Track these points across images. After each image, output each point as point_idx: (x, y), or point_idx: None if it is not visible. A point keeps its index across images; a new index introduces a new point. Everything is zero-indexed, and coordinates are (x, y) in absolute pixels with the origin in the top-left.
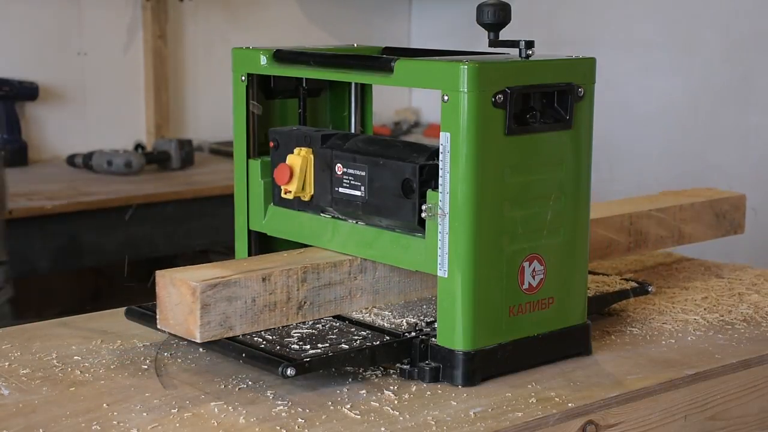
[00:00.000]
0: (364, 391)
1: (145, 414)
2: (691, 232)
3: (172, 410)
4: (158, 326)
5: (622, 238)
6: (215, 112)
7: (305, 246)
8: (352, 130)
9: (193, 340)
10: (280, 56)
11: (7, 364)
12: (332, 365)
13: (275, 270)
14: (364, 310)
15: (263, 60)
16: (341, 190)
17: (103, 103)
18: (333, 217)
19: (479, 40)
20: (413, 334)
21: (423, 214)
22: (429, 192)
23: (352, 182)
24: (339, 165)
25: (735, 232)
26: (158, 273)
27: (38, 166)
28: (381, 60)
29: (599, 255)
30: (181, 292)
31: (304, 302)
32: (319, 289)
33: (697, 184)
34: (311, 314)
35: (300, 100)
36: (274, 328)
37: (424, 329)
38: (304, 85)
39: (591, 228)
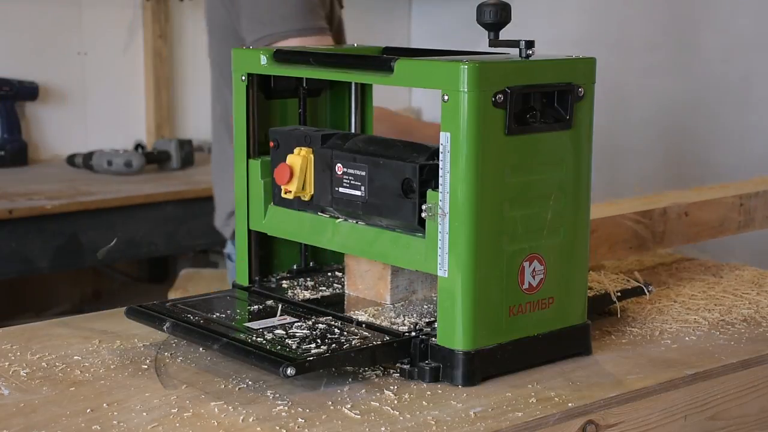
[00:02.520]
0: (364, 391)
1: (145, 414)
2: None
3: (172, 410)
4: (346, 290)
5: (734, 216)
6: None
7: (305, 246)
8: (352, 130)
9: (383, 302)
10: (280, 56)
11: (7, 364)
12: (332, 365)
13: None
14: (364, 310)
15: (263, 60)
16: (341, 189)
17: (103, 103)
18: (333, 216)
19: (479, 40)
20: (413, 334)
21: (423, 214)
22: (429, 192)
23: (352, 182)
24: (339, 165)
25: None
26: None
27: (38, 166)
28: (381, 60)
29: (712, 234)
30: (372, 260)
31: None
32: None
33: (697, 184)
34: None
35: (300, 100)
36: (274, 327)
37: (424, 329)
38: (304, 85)
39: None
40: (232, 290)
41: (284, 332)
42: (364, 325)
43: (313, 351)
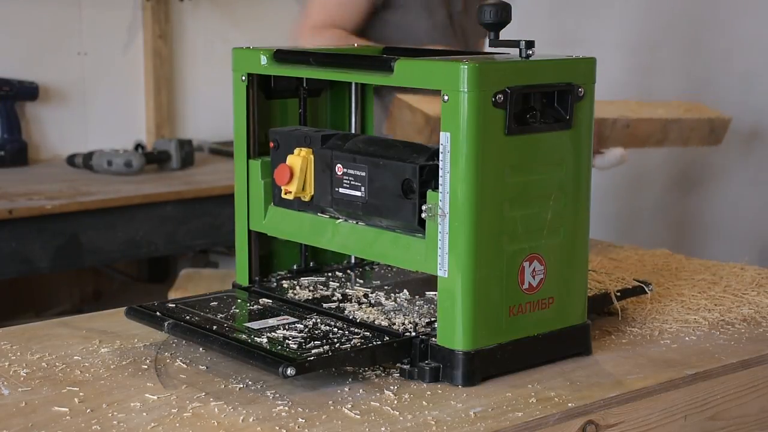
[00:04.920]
0: (364, 391)
1: (145, 414)
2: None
3: (172, 410)
4: (384, 132)
5: (657, 134)
6: (215, 112)
7: (305, 246)
8: (352, 130)
9: None
10: (281, 56)
11: (7, 364)
12: (332, 365)
13: None
14: (364, 310)
15: (263, 60)
16: (341, 190)
17: (103, 103)
18: (333, 217)
19: None
20: (413, 334)
21: (423, 215)
22: (429, 192)
23: (352, 182)
24: (339, 165)
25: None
26: (399, 96)
27: (38, 166)
28: (381, 60)
29: (638, 144)
30: (416, 117)
31: None
32: None
33: (697, 183)
34: None
35: (300, 100)
36: (274, 327)
37: (424, 329)
38: (304, 85)
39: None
40: (232, 290)
41: (284, 332)
42: (364, 326)
43: (313, 351)
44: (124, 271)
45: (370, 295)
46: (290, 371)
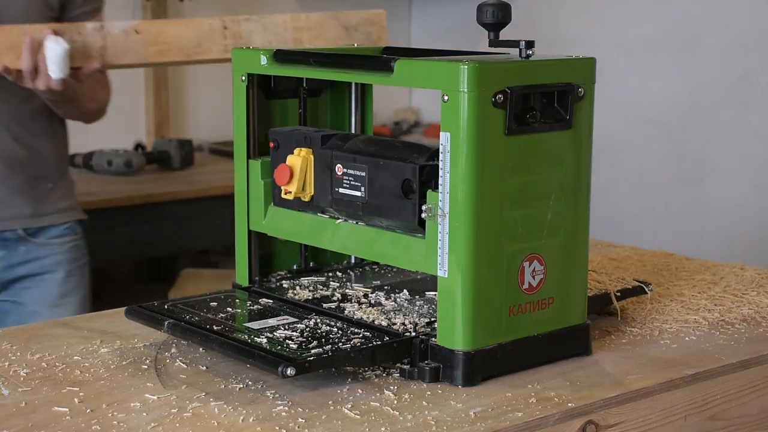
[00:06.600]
0: (364, 391)
1: (145, 414)
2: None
3: (172, 410)
4: None
5: (218, 39)
6: (215, 112)
7: (305, 246)
8: (352, 130)
9: None
10: (281, 56)
11: (7, 364)
12: (332, 365)
13: None
14: (364, 310)
15: (263, 60)
16: (341, 190)
17: None
18: (333, 217)
19: (479, 40)
20: (413, 334)
21: (423, 215)
22: (429, 192)
23: (352, 183)
24: (339, 165)
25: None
26: None
27: None
28: (381, 60)
29: (186, 54)
30: None
31: None
32: None
33: (697, 183)
34: None
35: (300, 100)
36: (274, 327)
37: (424, 329)
38: (304, 85)
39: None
40: (232, 290)
41: (284, 332)
42: (364, 326)
43: (313, 351)
44: (124, 271)
45: (370, 295)
46: (290, 371)
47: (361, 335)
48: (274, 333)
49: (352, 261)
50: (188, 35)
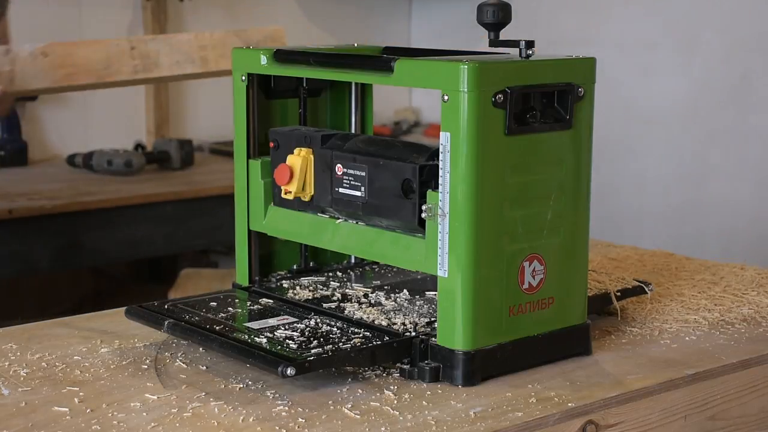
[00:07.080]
0: (364, 391)
1: (145, 414)
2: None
3: (172, 410)
4: None
5: (127, 60)
6: (215, 112)
7: (305, 246)
8: (352, 130)
9: None
10: (281, 56)
11: (7, 364)
12: (332, 365)
13: None
14: (364, 310)
15: (263, 60)
16: (341, 190)
17: (103, 103)
18: (333, 217)
19: (479, 40)
20: (413, 334)
21: (423, 215)
22: (429, 192)
23: (352, 182)
24: (339, 165)
25: None
26: None
27: (38, 166)
28: (381, 60)
29: (96, 76)
30: None
31: None
32: None
33: (697, 184)
34: None
35: (300, 100)
36: (274, 327)
37: (424, 329)
38: (304, 85)
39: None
40: (232, 290)
41: (284, 332)
42: (364, 326)
43: (313, 351)
44: (124, 271)
45: (370, 295)
46: (290, 371)
47: (361, 335)
48: (274, 333)
49: (352, 261)
50: (97, 57)
